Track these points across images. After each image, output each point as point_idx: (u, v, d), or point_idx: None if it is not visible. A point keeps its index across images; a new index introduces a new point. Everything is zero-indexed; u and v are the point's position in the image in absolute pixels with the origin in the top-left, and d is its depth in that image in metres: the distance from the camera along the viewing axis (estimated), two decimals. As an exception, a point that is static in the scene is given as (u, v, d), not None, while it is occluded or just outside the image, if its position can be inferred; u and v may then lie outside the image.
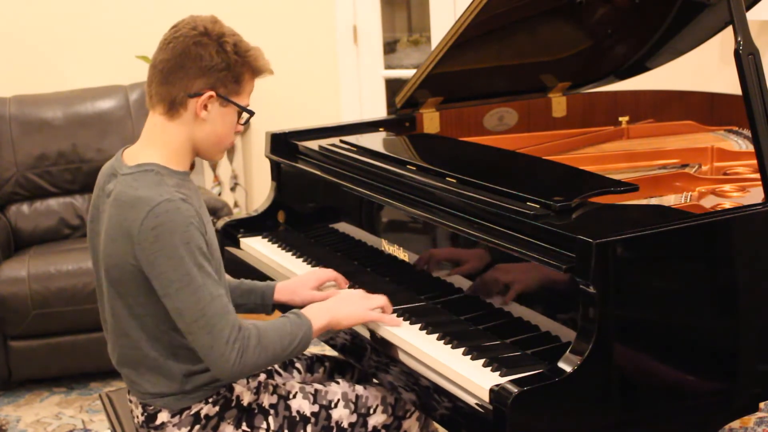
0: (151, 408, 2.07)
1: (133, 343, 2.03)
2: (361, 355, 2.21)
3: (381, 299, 2.16)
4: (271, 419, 2.13)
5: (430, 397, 1.95)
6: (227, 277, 2.37)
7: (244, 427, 2.10)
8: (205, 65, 1.96)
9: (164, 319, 1.97)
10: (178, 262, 1.89)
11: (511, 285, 2.02)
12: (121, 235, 1.93)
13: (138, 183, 1.95)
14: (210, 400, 2.07)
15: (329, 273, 2.37)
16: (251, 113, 2.05)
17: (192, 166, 2.11)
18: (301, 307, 2.17)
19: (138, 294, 1.97)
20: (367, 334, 2.18)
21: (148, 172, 1.97)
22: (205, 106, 1.99)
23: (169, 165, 2.00)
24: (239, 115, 2.04)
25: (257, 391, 2.15)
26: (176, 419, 2.06)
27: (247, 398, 2.12)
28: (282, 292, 2.32)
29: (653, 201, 2.28)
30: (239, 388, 2.12)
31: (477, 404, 1.81)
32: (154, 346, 2.01)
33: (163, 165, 1.99)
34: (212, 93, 1.98)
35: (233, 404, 2.10)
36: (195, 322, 1.90)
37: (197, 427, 2.06)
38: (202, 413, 2.07)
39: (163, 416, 2.06)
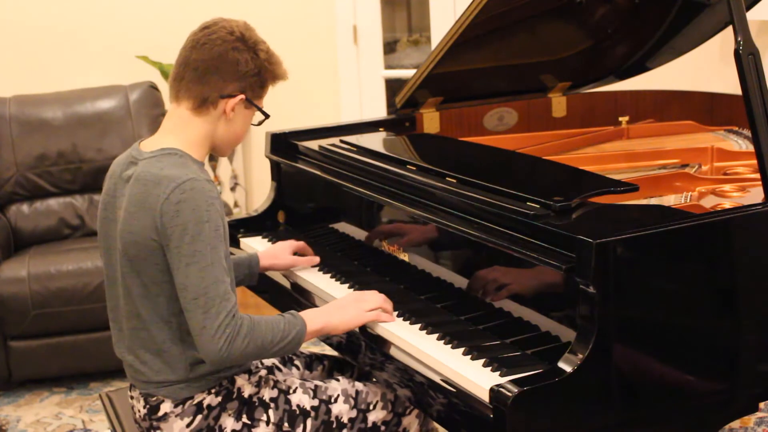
0: (154, 399, 2.09)
1: (143, 325, 2.06)
2: (356, 353, 2.21)
3: (376, 299, 2.18)
4: (271, 412, 2.14)
5: (429, 396, 1.95)
6: None
7: (244, 419, 2.12)
8: (241, 70, 2.07)
9: (176, 301, 2.01)
10: (193, 237, 1.94)
11: (511, 285, 2.03)
12: (143, 211, 1.99)
13: (162, 163, 2.03)
14: (212, 390, 2.10)
15: (298, 242, 2.56)
16: (267, 116, 2.18)
17: None
18: (283, 270, 2.51)
19: (155, 271, 2.01)
20: (366, 335, 2.18)
21: (172, 155, 2.05)
22: (233, 108, 2.10)
23: (190, 153, 2.09)
24: (253, 116, 2.18)
25: (258, 385, 2.16)
26: (179, 409, 2.08)
27: (248, 391, 2.14)
28: (265, 257, 2.50)
29: (653, 201, 2.28)
30: (240, 380, 2.14)
31: (477, 404, 1.81)
32: (163, 329, 2.05)
33: (185, 151, 2.08)
34: (243, 96, 2.10)
35: (234, 396, 2.12)
36: (195, 299, 1.95)
37: (199, 417, 2.08)
38: (205, 403, 2.09)
39: (165, 407, 2.08)
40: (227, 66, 2.06)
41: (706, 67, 3.92)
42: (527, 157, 2.62)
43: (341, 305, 2.17)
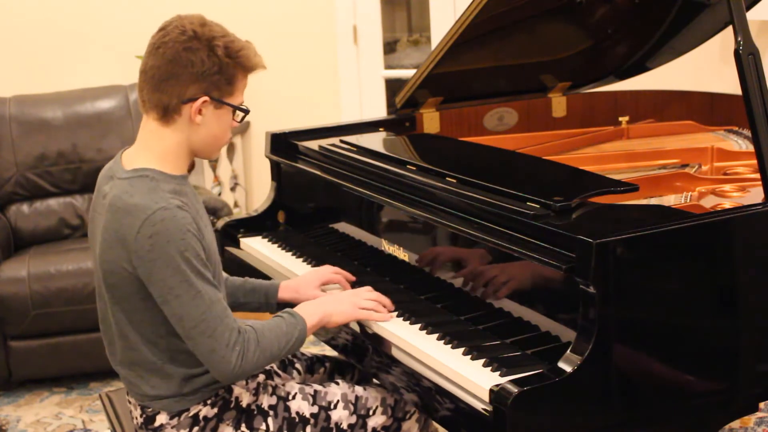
0: (150, 410, 2.07)
1: (131, 346, 2.03)
2: (362, 356, 2.21)
3: (371, 295, 2.18)
4: (270, 420, 2.13)
5: (430, 396, 1.95)
6: (230, 276, 2.37)
7: (243, 428, 2.10)
8: (197, 71, 1.93)
9: (162, 325, 1.97)
10: (175, 270, 1.89)
11: (511, 285, 2.02)
12: (116, 242, 1.93)
13: (134, 189, 1.94)
14: (208, 401, 2.07)
15: (331, 273, 2.37)
16: (246, 111, 2.03)
17: (192, 167, 2.11)
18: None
19: (135, 300, 1.97)
20: (366, 335, 2.18)
21: (143, 178, 1.95)
22: (200, 111, 1.97)
23: (165, 170, 1.99)
24: (233, 113, 2.03)
25: (256, 392, 2.15)
26: (175, 421, 2.06)
27: (246, 399, 2.12)
28: (286, 290, 2.33)
29: (653, 201, 2.28)
30: (238, 389, 2.12)
31: (477, 404, 1.81)
32: (152, 350, 2.01)
33: (159, 170, 1.98)
34: (206, 98, 1.96)
35: (232, 405, 2.10)
36: (195, 327, 1.91)
37: (196, 429, 2.06)
38: (201, 415, 2.07)
39: (161, 418, 2.06)
40: (181, 69, 1.92)
41: (706, 67, 3.92)
42: (527, 157, 2.62)
43: (337, 299, 2.17)
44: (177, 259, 1.88)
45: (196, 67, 1.93)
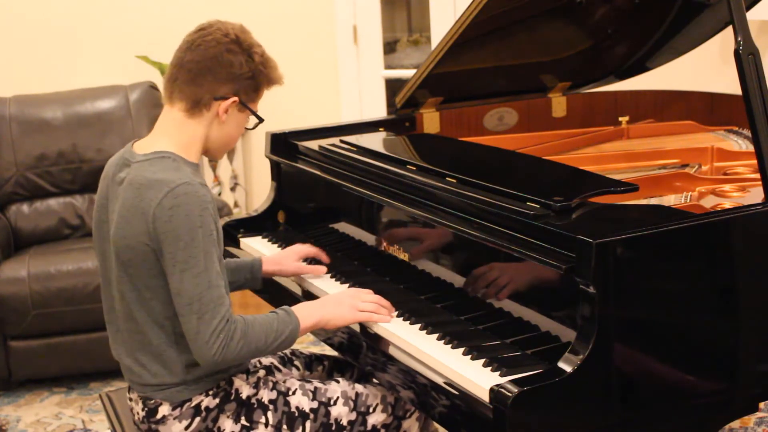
0: (152, 402, 2.09)
1: (138, 328, 2.06)
2: (357, 353, 2.21)
3: (372, 297, 2.19)
4: (270, 414, 2.14)
5: (429, 396, 1.95)
6: None
7: (243, 421, 2.12)
8: (234, 72, 2.06)
9: (170, 305, 2.01)
10: (187, 243, 1.94)
11: (511, 285, 2.03)
12: (136, 215, 1.99)
13: (155, 167, 2.02)
14: (210, 392, 2.10)
15: (310, 248, 2.50)
16: (262, 120, 2.17)
17: None
18: (289, 276, 2.46)
19: (148, 276, 2.01)
20: (365, 334, 2.18)
21: (165, 158, 2.04)
22: (227, 110, 2.08)
23: (183, 155, 2.08)
24: (248, 119, 2.16)
25: (256, 386, 2.16)
26: (177, 412, 2.08)
27: (246, 391, 2.14)
28: (269, 263, 2.46)
29: (653, 201, 2.28)
30: (238, 381, 2.15)
31: (477, 404, 1.81)
32: (157, 333, 2.05)
33: (178, 154, 2.07)
34: (236, 98, 2.08)
35: (232, 397, 2.12)
36: (189, 305, 1.95)
37: (197, 419, 2.08)
38: (203, 405, 2.09)
39: (163, 410, 2.08)
40: (221, 67, 2.05)
41: (706, 67, 3.92)
42: (527, 157, 2.62)
43: (337, 300, 2.18)
44: (191, 233, 1.95)
45: (234, 69, 2.06)
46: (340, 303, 2.16)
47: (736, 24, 2.05)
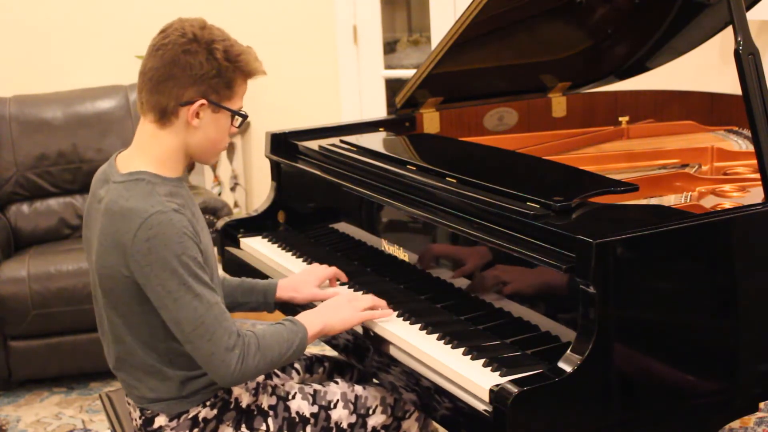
0: (149, 412, 2.07)
1: (129, 350, 2.03)
2: (363, 356, 2.21)
3: (368, 297, 2.18)
4: (270, 420, 2.13)
5: (430, 397, 1.95)
6: (227, 276, 2.38)
7: (243, 429, 2.10)
8: (195, 73, 1.93)
9: (160, 328, 1.97)
10: (172, 273, 1.88)
11: (511, 285, 2.03)
12: (113, 247, 1.93)
13: (129, 193, 1.93)
14: (208, 403, 2.07)
15: (328, 271, 2.39)
16: (244, 117, 2.03)
17: (192, 167, 2.11)
18: (303, 305, 2.26)
19: (132, 304, 1.96)
20: (367, 335, 2.18)
21: (139, 182, 1.95)
22: (197, 114, 1.96)
23: (161, 173, 1.99)
24: (232, 118, 2.02)
25: (256, 393, 2.14)
26: (174, 423, 2.06)
27: (245, 400, 2.12)
28: (284, 289, 2.34)
29: (653, 201, 2.28)
30: (237, 390, 2.12)
31: (477, 404, 1.81)
32: (150, 354, 2.01)
33: (155, 173, 1.97)
34: (203, 101, 1.95)
35: (232, 406, 2.10)
36: (194, 331, 1.90)
37: (195, 431, 2.06)
38: (200, 417, 2.06)
39: (160, 420, 2.06)
40: (180, 71, 1.92)
41: (706, 67, 3.91)
42: (527, 157, 2.62)
43: (336, 306, 2.15)
44: (174, 263, 1.88)
45: (195, 70, 1.93)
46: (339, 307, 2.14)
47: (736, 24, 2.05)
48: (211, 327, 1.90)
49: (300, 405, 2.16)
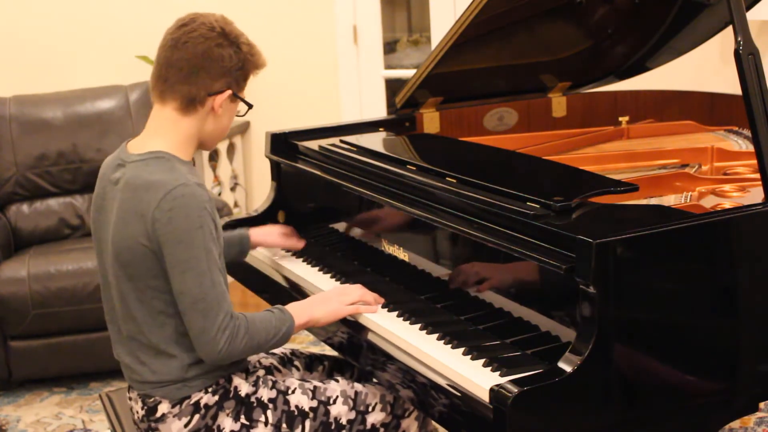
0: (151, 400, 2.10)
1: (138, 328, 2.07)
2: (357, 353, 2.21)
3: (357, 291, 2.23)
4: (269, 413, 2.15)
5: (429, 396, 1.95)
6: None
7: (242, 420, 2.12)
8: (226, 66, 2.06)
9: (171, 304, 2.03)
10: (188, 245, 1.96)
11: (511, 285, 2.03)
12: (134, 217, 2.00)
13: (151, 168, 2.02)
14: (209, 389, 2.11)
15: (287, 227, 2.66)
16: (251, 106, 2.16)
17: (192, 164, 2.15)
18: (271, 246, 2.63)
19: (148, 276, 2.02)
20: (367, 336, 2.18)
21: (160, 159, 2.04)
22: (221, 104, 2.09)
23: (177, 155, 2.08)
24: (237, 108, 2.17)
25: (255, 384, 2.17)
26: (176, 409, 2.09)
27: (245, 389, 2.15)
28: (256, 235, 2.58)
29: (653, 201, 2.28)
30: (237, 379, 2.15)
31: (477, 404, 1.81)
32: (158, 331, 2.06)
33: (172, 154, 2.07)
34: (230, 91, 2.09)
35: (231, 395, 2.13)
36: (194, 304, 1.97)
37: (197, 416, 2.09)
38: (202, 402, 2.10)
39: (163, 407, 2.09)
40: (212, 63, 2.05)
41: (706, 67, 3.92)
42: (527, 157, 2.62)
43: (325, 298, 2.22)
44: (191, 234, 1.96)
45: (225, 62, 2.06)
46: (327, 300, 2.21)
47: (736, 24, 2.05)
48: (209, 304, 1.97)
49: (299, 399, 2.18)
